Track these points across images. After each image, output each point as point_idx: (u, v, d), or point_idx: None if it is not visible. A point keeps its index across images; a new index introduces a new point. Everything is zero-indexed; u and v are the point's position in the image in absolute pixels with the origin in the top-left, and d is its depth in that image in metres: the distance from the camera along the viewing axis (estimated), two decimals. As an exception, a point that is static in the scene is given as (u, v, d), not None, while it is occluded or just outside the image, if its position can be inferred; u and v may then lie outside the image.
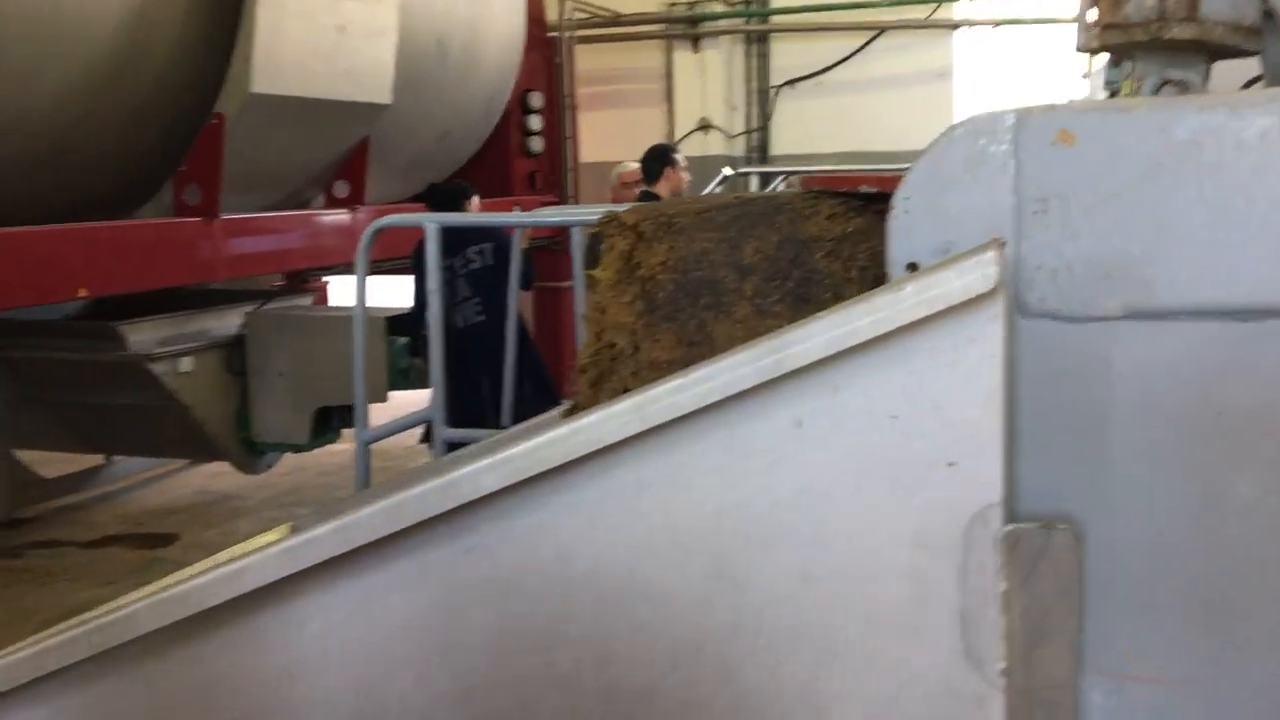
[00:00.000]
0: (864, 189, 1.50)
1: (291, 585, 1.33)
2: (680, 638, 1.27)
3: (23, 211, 4.18)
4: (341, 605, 1.33)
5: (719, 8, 10.65)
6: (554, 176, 8.02)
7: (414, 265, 5.12)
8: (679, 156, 6.47)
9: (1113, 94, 3.95)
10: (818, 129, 10.23)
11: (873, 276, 1.37)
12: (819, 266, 1.40)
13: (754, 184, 9.24)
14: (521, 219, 5.28)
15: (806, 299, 1.39)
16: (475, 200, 5.70)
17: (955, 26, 10.44)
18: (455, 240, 5.12)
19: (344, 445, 6.00)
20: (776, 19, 10.77)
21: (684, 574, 1.26)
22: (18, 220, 4.07)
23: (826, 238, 1.42)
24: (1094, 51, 1.43)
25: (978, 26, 10.38)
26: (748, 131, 10.80)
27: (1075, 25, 1.56)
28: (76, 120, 4.31)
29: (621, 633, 1.28)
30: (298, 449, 5.60)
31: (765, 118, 10.81)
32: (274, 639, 1.36)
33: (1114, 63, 3.85)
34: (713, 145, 10.43)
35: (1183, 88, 1.35)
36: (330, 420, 5.49)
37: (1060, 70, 9.30)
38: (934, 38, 10.41)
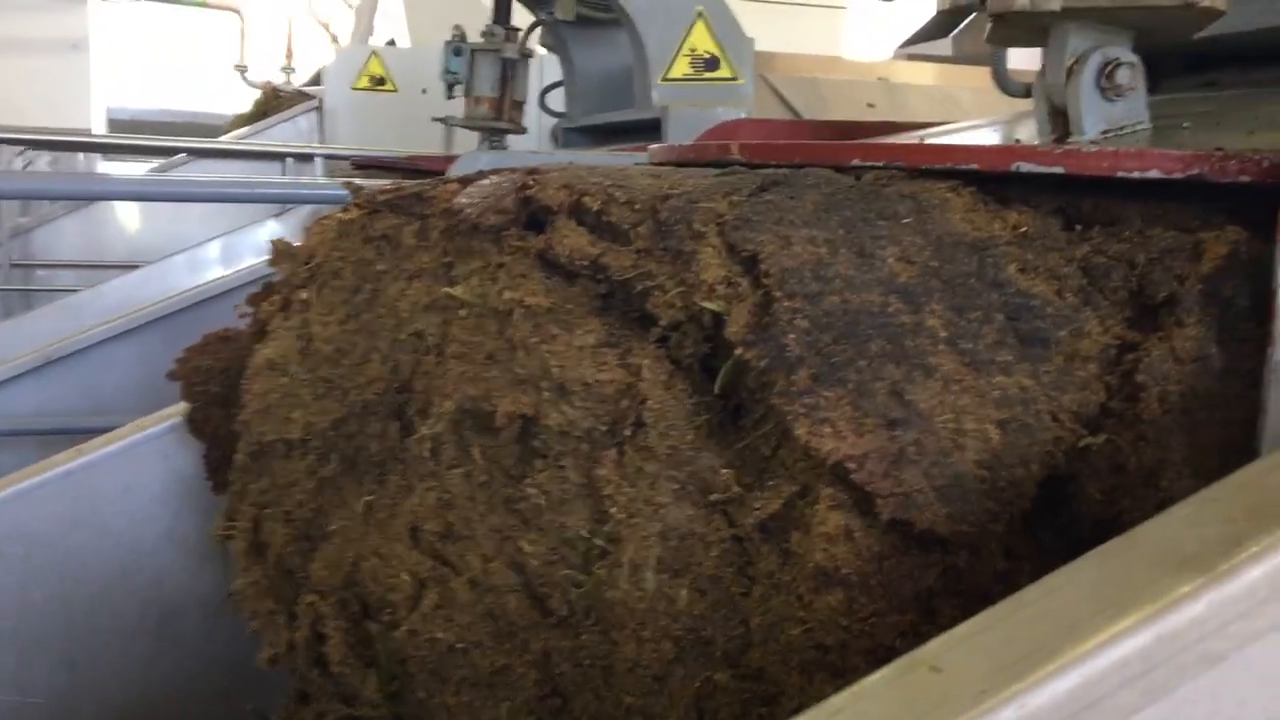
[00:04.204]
0: (986, 172, 0.94)
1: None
2: None
3: None
4: None
5: None
6: None
7: None
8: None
9: (451, 86, 3.67)
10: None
11: (1101, 312, 0.88)
12: (1024, 287, 0.85)
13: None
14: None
15: (1041, 340, 0.83)
16: None
17: (71, -7, 9.70)
18: None
19: None
20: None
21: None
22: None
23: (1000, 241, 0.88)
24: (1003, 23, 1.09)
25: (106, -2, 9.80)
26: None
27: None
28: None
29: None
30: None
31: None
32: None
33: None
34: None
35: (1133, 70, 1.09)
36: None
37: (214, 52, 9.34)
38: (64, 5, 9.58)
